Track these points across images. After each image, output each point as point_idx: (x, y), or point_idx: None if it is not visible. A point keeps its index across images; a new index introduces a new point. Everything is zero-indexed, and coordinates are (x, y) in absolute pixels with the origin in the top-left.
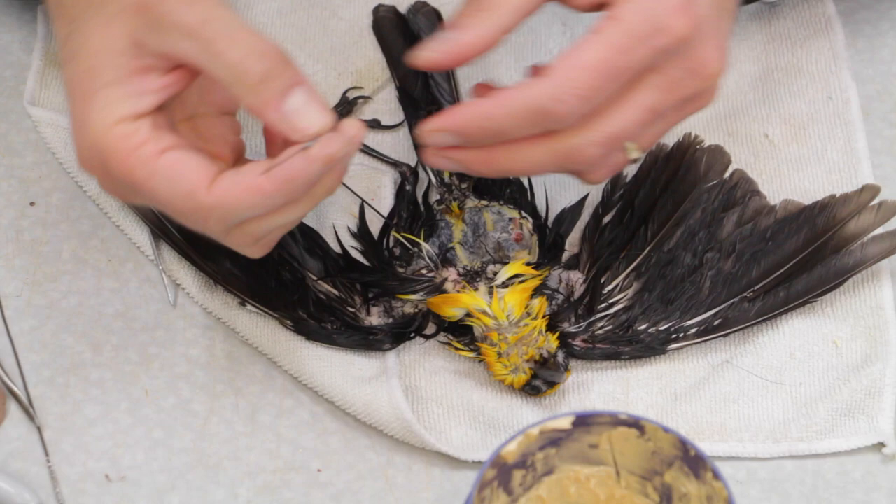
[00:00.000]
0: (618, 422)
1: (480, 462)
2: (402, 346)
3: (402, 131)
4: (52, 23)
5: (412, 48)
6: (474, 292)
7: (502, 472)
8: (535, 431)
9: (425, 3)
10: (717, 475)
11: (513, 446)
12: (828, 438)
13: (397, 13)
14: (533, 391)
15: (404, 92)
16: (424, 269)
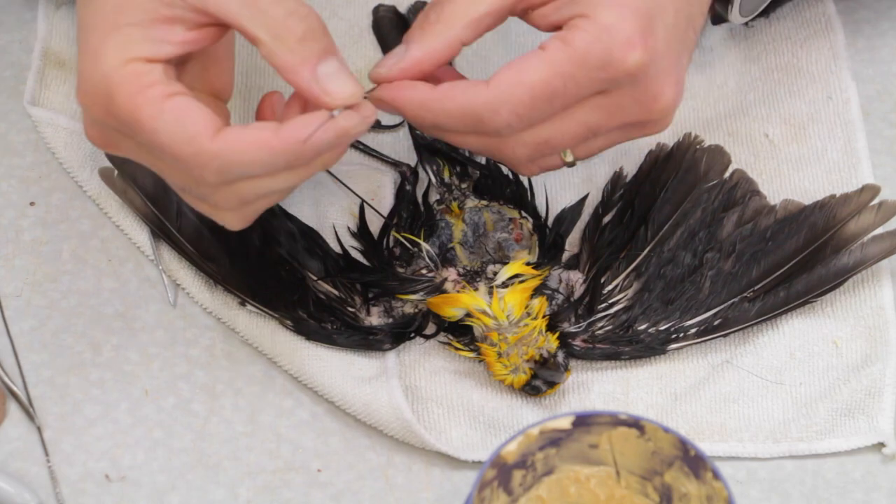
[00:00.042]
0: (618, 422)
1: (480, 462)
2: (402, 346)
3: (402, 131)
4: None
5: None
6: (474, 292)
7: (502, 472)
8: (535, 431)
9: (425, 2)
10: (717, 475)
11: (513, 446)
12: (828, 438)
13: (397, 13)
14: (533, 391)
15: None
16: (424, 269)
